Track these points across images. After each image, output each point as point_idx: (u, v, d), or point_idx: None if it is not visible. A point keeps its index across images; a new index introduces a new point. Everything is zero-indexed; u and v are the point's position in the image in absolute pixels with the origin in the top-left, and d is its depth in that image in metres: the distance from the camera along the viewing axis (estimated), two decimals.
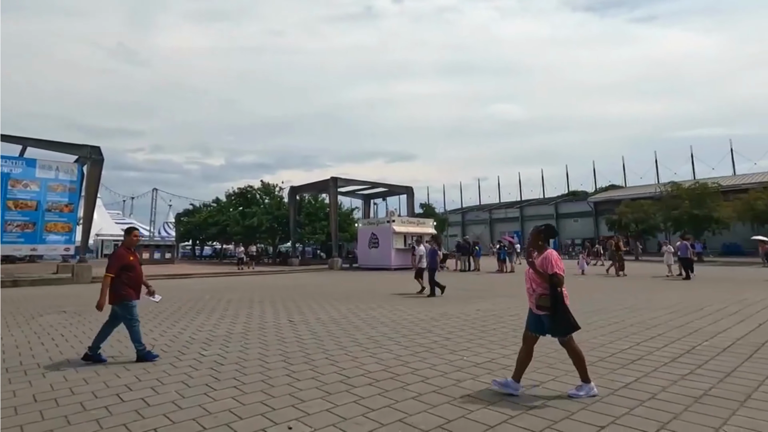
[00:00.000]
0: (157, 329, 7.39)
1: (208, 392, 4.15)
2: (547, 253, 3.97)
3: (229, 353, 5.71)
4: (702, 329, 6.81)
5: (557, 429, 3.23)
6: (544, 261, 3.92)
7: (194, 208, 48.26)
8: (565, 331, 3.91)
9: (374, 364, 5.10)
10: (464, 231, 61.98)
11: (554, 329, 3.90)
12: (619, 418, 3.39)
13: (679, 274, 17.00)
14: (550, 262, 3.89)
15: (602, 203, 51.85)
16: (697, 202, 34.41)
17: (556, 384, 4.29)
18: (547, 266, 3.89)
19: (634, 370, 4.71)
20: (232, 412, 3.64)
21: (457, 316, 8.45)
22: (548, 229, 4.19)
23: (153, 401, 3.92)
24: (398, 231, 26.24)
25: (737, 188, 37.74)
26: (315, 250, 44.98)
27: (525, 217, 60.69)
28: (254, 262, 29.11)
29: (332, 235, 30.67)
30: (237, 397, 4.01)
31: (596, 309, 9.08)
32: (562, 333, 3.92)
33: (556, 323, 3.86)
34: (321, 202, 37.79)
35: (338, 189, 32.00)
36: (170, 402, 3.89)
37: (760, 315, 8.06)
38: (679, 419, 3.37)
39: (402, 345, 6.04)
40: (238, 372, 4.83)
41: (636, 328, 6.94)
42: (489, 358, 5.27)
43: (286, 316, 8.74)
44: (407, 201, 35.33)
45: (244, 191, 38.26)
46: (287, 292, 13.66)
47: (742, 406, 3.62)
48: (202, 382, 4.48)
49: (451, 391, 4.10)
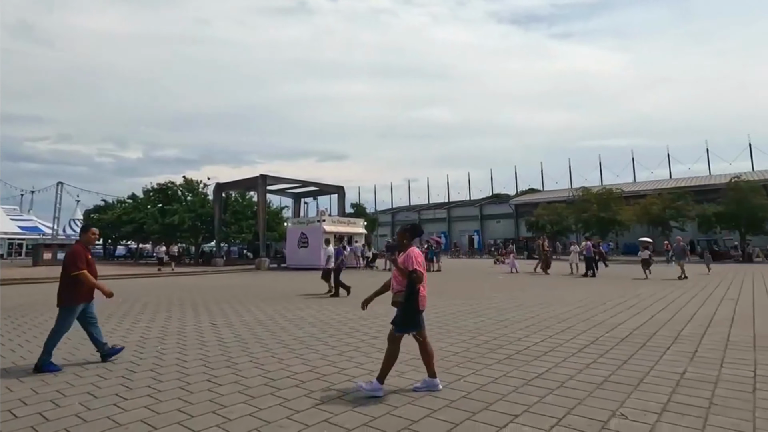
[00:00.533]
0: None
1: (118, 402, 3.85)
2: (409, 251, 4.07)
3: (143, 360, 5.34)
4: (604, 322, 7.48)
5: (477, 420, 3.39)
6: (406, 258, 4.01)
7: (106, 204, 44.52)
8: (400, 326, 3.99)
9: (300, 365, 5.03)
10: (394, 231, 62.94)
11: (399, 322, 3.99)
12: (531, 407, 3.63)
13: (585, 273, 18.40)
14: (412, 259, 3.98)
15: (522, 205, 55.12)
16: (603, 206, 37.88)
17: (477, 378, 4.48)
18: (409, 264, 3.97)
19: (546, 361, 5.06)
20: (146, 422, 3.41)
21: (385, 315, 8.52)
22: (413, 229, 4.35)
23: (52, 415, 3.57)
24: (328, 231, 26.02)
25: (637, 194, 41.81)
26: (241, 250, 43.43)
27: (452, 218, 62.94)
28: (175, 262, 27.45)
29: (260, 234, 29.77)
30: (151, 405, 3.77)
31: (516, 305, 9.65)
32: (397, 323, 4.00)
33: (404, 317, 3.96)
34: (249, 200, 36.58)
35: (267, 187, 31.13)
36: (73, 415, 3.57)
37: (653, 308, 9.01)
38: (583, 404, 3.67)
39: (329, 345, 6.01)
40: (153, 379, 4.53)
41: (549, 322, 7.46)
42: (415, 356, 5.38)
43: (208, 319, 8.35)
44: (338, 201, 35.20)
45: (164, 187, 35.97)
46: (210, 293, 13.05)
47: (635, 389, 4.02)
48: (111, 392, 4.15)
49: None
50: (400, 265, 4.03)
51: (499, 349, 5.66)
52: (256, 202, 32.98)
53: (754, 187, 33.84)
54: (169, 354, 5.61)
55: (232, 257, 37.95)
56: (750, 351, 5.38)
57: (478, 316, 8.25)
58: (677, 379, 4.29)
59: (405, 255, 4.05)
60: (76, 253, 5.07)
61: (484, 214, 60.29)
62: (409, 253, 4.05)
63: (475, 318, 8.01)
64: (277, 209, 40.40)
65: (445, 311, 8.84)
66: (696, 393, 3.89)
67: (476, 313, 8.61)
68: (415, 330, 4.04)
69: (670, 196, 36.94)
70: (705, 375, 4.42)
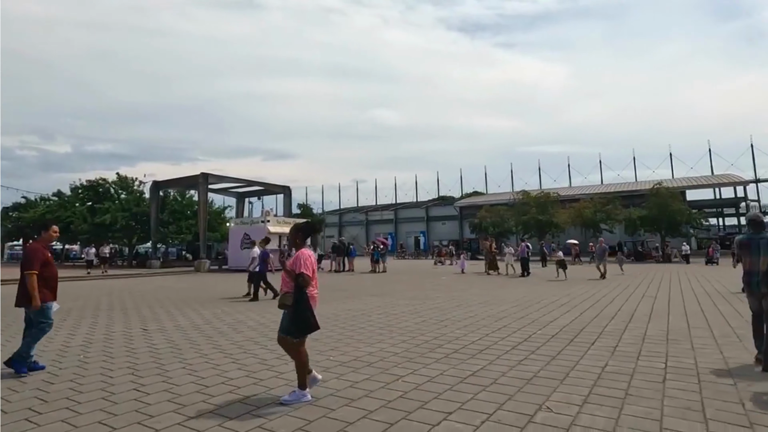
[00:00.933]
0: None
1: (30, 417, 3.56)
2: (298, 253, 3.89)
3: (63, 370, 4.98)
4: (538, 319, 7.86)
5: (412, 419, 3.44)
6: (295, 261, 3.84)
7: (28, 201, 40.99)
8: (296, 332, 3.83)
9: (237, 370, 4.88)
10: (341, 232, 62.75)
11: (287, 327, 3.84)
12: (465, 404, 3.75)
13: (522, 274, 19.20)
14: (300, 261, 3.82)
15: (467, 208, 56.76)
16: (541, 209, 39.82)
17: (415, 377, 4.55)
18: (297, 266, 3.81)
19: (481, 359, 5.24)
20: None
21: (327, 316, 8.51)
22: (307, 227, 4.16)
23: None
24: (273, 231, 25.46)
25: (572, 198, 44.31)
26: (180, 251, 41.51)
27: (399, 220, 63.65)
28: (107, 264, 25.75)
29: (200, 235, 28.62)
30: (69, 419, 3.51)
31: (456, 305, 9.91)
32: (293, 332, 3.82)
33: (293, 322, 3.79)
34: (189, 199, 35.10)
35: (209, 186, 30.03)
36: None
37: (581, 306, 9.58)
38: (513, 399, 3.84)
39: (268, 349, 5.88)
40: (73, 390, 4.23)
41: (486, 321, 7.73)
42: (355, 357, 5.41)
43: (140, 324, 7.92)
44: (284, 201, 34.64)
45: (94, 184, 33.64)
46: (143, 297, 12.37)
47: (561, 383, 4.26)
48: (23, 405, 3.82)
49: (315, 392, 4.11)
50: (288, 268, 3.85)
51: (438, 348, 5.79)
52: (196, 201, 31.66)
53: (673, 193, 37.02)
54: (92, 363, 5.27)
55: (169, 259, 36.19)
56: (663, 344, 5.85)
57: (420, 316, 8.40)
58: (599, 373, 4.59)
59: (294, 257, 3.87)
60: (31, 252, 4.90)
61: (430, 215, 61.48)
62: (298, 255, 3.87)
63: (417, 318, 8.14)
64: (220, 209, 39.08)
65: (388, 312, 8.92)
66: (614, 385, 4.18)
67: (418, 313, 8.76)
68: (313, 330, 3.88)
69: (601, 201, 39.50)
70: (623, 368, 4.75)
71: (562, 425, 3.27)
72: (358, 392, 4.08)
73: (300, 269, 3.79)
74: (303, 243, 4.03)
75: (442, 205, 62.45)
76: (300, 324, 3.79)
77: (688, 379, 4.31)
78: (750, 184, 46.07)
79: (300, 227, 4.11)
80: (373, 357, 5.36)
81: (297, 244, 4.01)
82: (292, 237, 4.08)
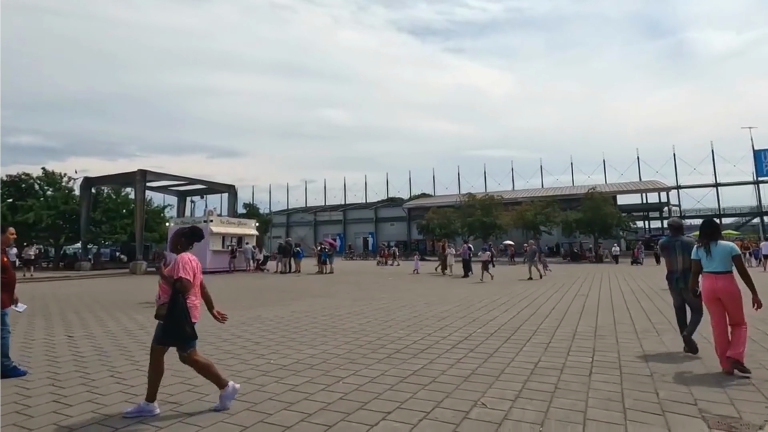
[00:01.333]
0: None
1: None
2: (178, 257, 3.67)
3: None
4: (478, 318, 8.11)
5: (350, 420, 3.44)
6: (174, 265, 3.64)
7: None
8: (171, 342, 3.61)
9: (170, 377, 4.65)
10: (288, 233, 61.67)
11: (161, 337, 3.60)
12: (404, 403, 3.80)
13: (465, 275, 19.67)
14: (179, 265, 3.61)
15: (415, 209, 57.57)
16: (486, 211, 41.19)
17: (356, 378, 4.56)
18: (176, 270, 3.59)
19: (423, 358, 5.33)
20: None
21: (270, 318, 8.34)
22: (192, 232, 3.94)
23: None
24: (216, 232, 24.61)
25: (514, 201, 46.14)
26: (114, 252, 39.10)
27: (348, 220, 63.49)
28: (32, 266, 23.75)
29: (137, 235, 27.08)
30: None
31: (401, 305, 10.03)
32: (166, 340, 3.61)
33: (165, 331, 3.55)
34: (125, 197, 33.16)
35: (148, 183, 28.44)
36: None
37: (519, 305, 9.99)
38: (451, 397, 3.94)
39: (205, 353, 5.65)
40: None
41: (430, 321, 7.88)
42: (296, 359, 5.33)
43: (64, 331, 7.39)
44: (229, 200, 33.47)
45: (16, 179, 30.95)
46: (70, 301, 11.54)
47: (497, 380, 4.42)
48: None
49: (253, 396, 4.02)
50: (165, 273, 3.64)
51: (381, 348, 5.83)
52: (133, 199, 29.94)
53: (605, 197, 39.56)
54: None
55: (102, 260, 33.93)
56: (591, 339, 6.23)
57: (365, 317, 8.42)
58: (532, 368, 4.80)
59: (173, 262, 3.64)
60: None
61: (379, 216, 61.82)
62: (178, 259, 3.64)
63: (361, 319, 8.16)
64: (159, 208, 37.21)
65: (332, 313, 8.88)
66: (545, 380, 4.39)
67: (363, 314, 8.78)
68: (187, 345, 3.64)
69: (541, 204, 41.42)
70: (554, 363, 5.01)
71: (495, 420, 3.39)
72: (297, 395, 4.03)
73: (179, 273, 3.56)
74: (186, 249, 3.79)
75: (391, 207, 62.98)
76: (169, 332, 3.52)
77: (611, 372, 4.61)
78: (672, 190, 50.21)
79: (183, 232, 3.89)
80: (315, 359, 5.31)
81: (178, 249, 3.76)
82: (173, 242, 3.84)
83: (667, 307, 8.75)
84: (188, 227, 3.98)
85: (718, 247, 4.72)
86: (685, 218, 47.09)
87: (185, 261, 3.65)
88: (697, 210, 52.57)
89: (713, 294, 4.68)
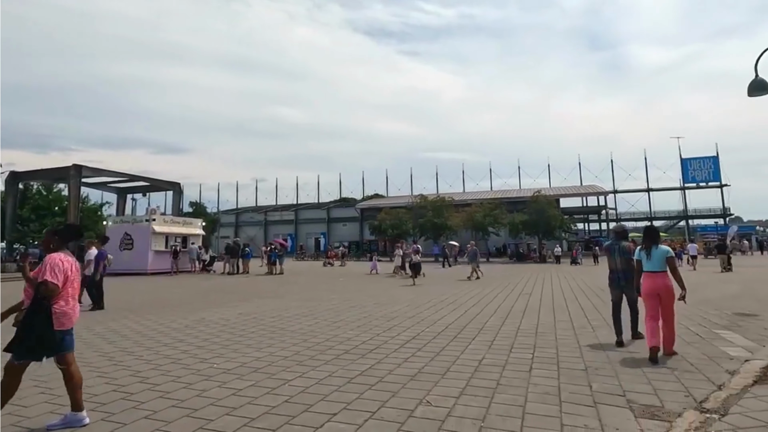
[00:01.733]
0: None
1: None
2: (47, 258, 3.37)
3: None
4: (426, 318, 8.24)
5: (294, 423, 3.39)
6: (41, 267, 3.35)
7: None
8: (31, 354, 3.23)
9: (103, 385, 4.40)
10: (237, 232, 59.94)
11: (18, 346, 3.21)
12: (350, 404, 3.79)
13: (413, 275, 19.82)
14: (46, 267, 3.30)
15: (368, 210, 57.60)
16: (437, 213, 41.92)
17: (303, 380, 4.50)
18: (41, 273, 3.30)
19: (371, 358, 5.34)
20: None
21: (215, 321, 8.06)
22: (67, 231, 3.69)
23: None
24: (159, 231, 23.51)
25: (465, 202, 47.21)
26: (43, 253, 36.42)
27: (300, 220, 62.58)
28: None
29: None
30: None
31: (351, 306, 10.00)
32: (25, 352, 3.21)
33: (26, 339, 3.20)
34: (57, 193, 30.99)
35: (84, 179, 26.76)
36: None
37: (466, 304, 10.24)
38: (397, 396, 3.97)
39: (144, 359, 5.40)
40: None
41: (379, 321, 7.91)
42: (241, 363, 5.19)
43: None
44: (173, 198, 32.10)
45: None
46: None
47: (442, 378, 4.51)
48: None
49: (193, 402, 3.86)
50: (30, 276, 3.35)
51: (329, 350, 5.79)
52: (66, 196, 28.02)
53: (549, 200, 41.41)
54: None
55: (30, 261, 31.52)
56: (533, 337, 6.49)
57: (314, 318, 8.33)
58: (476, 366, 4.94)
59: (42, 263, 3.37)
60: None
61: (332, 217, 61.38)
62: (46, 260, 3.34)
63: (310, 320, 8.06)
64: (96, 205, 35.08)
65: (281, 315, 8.71)
66: (488, 376, 4.53)
67: (312, 315, 8.68)
68: (55, 353, 3.31)
69: (490, 206, 42.70)
70: (497, 360, 5.18)
71: (439, 417, 3.46)
72: (241, 400, 3.92)
73: (44, 276, 3.25)
74: (60, 248, 3.50)
75: (343, 207, 62.67)
76: (29, 342, 3.17)
77: (549, 368, 4.82)
78: (609, 194, 53.36)
79: (57, 230, 3.61)
80: (260, 362, 5.19)
81: (50, 248, 3.49)
82: (46, 242, 3.58)
83: (603, 305, 9.28)
84: (63, 225, 3.68)
85: (657, 251, 5.31)
86: (620, 221, 50.12)
87: (54, 262, 3.32)
88: (631, 213, 56.15)
89: (654, 290, 5.23)
